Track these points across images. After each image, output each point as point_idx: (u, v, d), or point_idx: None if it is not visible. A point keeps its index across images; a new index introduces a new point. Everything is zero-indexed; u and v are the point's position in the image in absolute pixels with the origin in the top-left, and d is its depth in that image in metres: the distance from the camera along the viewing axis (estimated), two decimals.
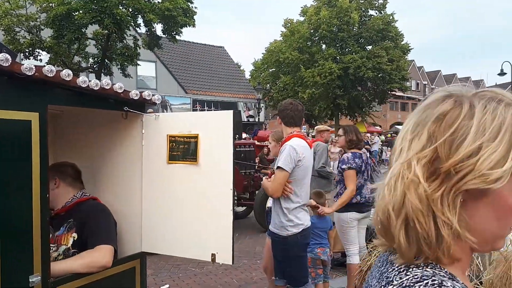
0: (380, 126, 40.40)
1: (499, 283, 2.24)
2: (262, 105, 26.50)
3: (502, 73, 31.66)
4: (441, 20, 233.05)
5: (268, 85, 31.45)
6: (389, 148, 24.77)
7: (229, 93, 28.09)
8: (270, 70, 30.52)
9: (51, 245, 2.24)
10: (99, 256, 2.14)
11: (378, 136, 26.73)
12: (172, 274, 5.52)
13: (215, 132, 2.23)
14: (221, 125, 2.22)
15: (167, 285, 5.09)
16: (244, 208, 8.78)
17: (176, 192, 2.35)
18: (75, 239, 2.27)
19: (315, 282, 4.11)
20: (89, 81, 2.04)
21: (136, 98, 2.27)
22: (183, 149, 2.30)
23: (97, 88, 2.06)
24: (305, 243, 3.19)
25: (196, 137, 2.26)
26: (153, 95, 2.38)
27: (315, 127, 7.46)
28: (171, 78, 25.23)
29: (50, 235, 2.29)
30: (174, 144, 2.32)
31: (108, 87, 2.12)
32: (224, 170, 2.20)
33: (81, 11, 12.94)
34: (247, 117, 28.75)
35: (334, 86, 25.37)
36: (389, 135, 30.82)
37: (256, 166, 8.30)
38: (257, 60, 32.54)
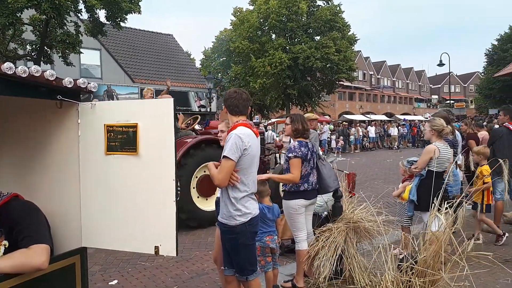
0: (329, 116, 41.48)
1: (432, 261, 2.37)
2: (213, 94, 26.26)
3: (441, 64, 33.57)
4: (385, 12, 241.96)
5: (219, 74, 31.20)
6: (341, 137, 25.44)
7: (179, 83, 27.54)
8: (221, 59, 30.26)
9: None
10: (33, 256, 1.98)
11: (327, 125, 27.44)
12: (121, 270, 5.36)
13: (155, 121, 2.16)
14: (162, 113, 2.15)
15: (116, 281, 4.95)
16: None
17: (116, 184, 2.26)
18: (6, 247, 2.08)
19: (264, 270, 4.15)
20: (16, 67, 1.89)
21: (69, 86, 2.14)
22: (122, 139, 2.20)
23: (25, 75, 1.92)
24: (253, 231, 3.20)
25: (135, 126, 2.17)
26: (88, 83, 2.25)
27: (305, 115, 7.54)
28: (117, 66, 24.31)
29: None
30: (112, 134, 2.22)
31: (38, 74, 1.99)
32: (165, 160, 2.14)
33: None
34: (198, 107, 28.38)
35: (284, 76, 25.63)
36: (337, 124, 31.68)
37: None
38: (207, 49, 32.10)
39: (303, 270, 4.43)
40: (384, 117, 48.52)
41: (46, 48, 14.69)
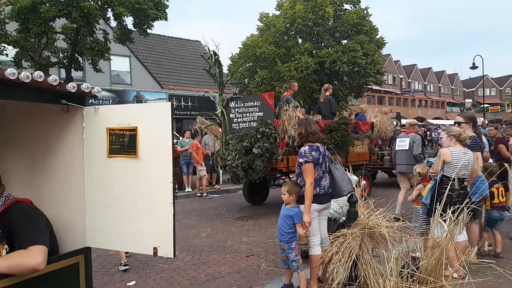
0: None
1: (433, 268, 2.29)
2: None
3: (474, 67, 32.57)
4: (416, 16, 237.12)
5: (246, 79, 31.34)
6: None
7: (206, 88, 27.85)
8: (248, 65, 30.39)
9: None
10: (29, 257, 2.01)
11: None
12: (140, 271, 5.46)
13: (154, 124, 2.20)
14: (160, 117, 2.18)
15: (134, 282, 5.04)
16: None
17: (117, 186, 2.32)
18: (7, 251, 2.15)
19: (302, 269, 4.21)
20: (19, 73, 1.98)
21: (73, 90, 2.22)
22: (123, 142, 2.26)
23: (28, 81, 2.00)
24: None
25: (135, 129, 2.22)
26: (92, 87, 2.32)
27: (407, 121, 9.47)
28: (146, 73, 24.86)
29: None
30: (114, 137, 2.28)
31: (41, 80, 2.06)
32: (163, 163, 2.17)
33: (47, 4, 12.55)
34: None
35: (310, 80, 25.47)
36: None
37: None
38: (234, 54, 32.35)
39: (317, 275, 4.38)
40: (414, 122, 47.42)
41: (76, 56, 15.24)
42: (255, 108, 8.65)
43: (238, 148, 8.25)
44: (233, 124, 9.05)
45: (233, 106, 9.03)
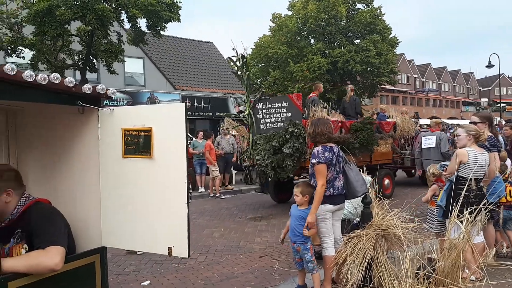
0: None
1: (450, 270, 2.26)
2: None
3: (490, 65, 31.99)
4: (427, 15, 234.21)
5: (258, 80, 31.32)
6: None
7: (219, 89, 27.95)
8: (260, 65, 30.40)
9: None
10: (47, 257, 2.04)
11: None
12: (154, 271, 5.50)
13: (168, 125, 2.21)
14: (174, 117, 2.20)
15: (148, 281, 5.08)
16: None
17: (132, 187, 2.34)
18: (26, 250, 2.19)
19: (317, 270, 4.19)
20: (36, 75, 2.01)
21: (88, 92, 2.24)
22: (138, 143, 2.28)
23: (45, 83, 2.03)
24: None
25: (149, 130, 2.24)
26: (107, 89, 2.35)
27: (433, 120, 10.46)
28: (160, 74, 25.04)
29: None
30: (128, 138, 2.30)
31: (58, 81, 2.09)
32: (177, 164, 2.18)
33: (62, 7, 12.75)
34: (237, 112, 28.60)
35: (323, 80, 25.33)
36: None
37: None
38: (247, 55, 32.34)
39: (331, 276, 4.35)
40: (428, 122, 46.88)
41: (91, 58, 15.42)
42: (282, 109, 8.78)
43: (267, 148, 8.40)
44: (260, 125, 9.17)
45: (260, 107, 9.17)
